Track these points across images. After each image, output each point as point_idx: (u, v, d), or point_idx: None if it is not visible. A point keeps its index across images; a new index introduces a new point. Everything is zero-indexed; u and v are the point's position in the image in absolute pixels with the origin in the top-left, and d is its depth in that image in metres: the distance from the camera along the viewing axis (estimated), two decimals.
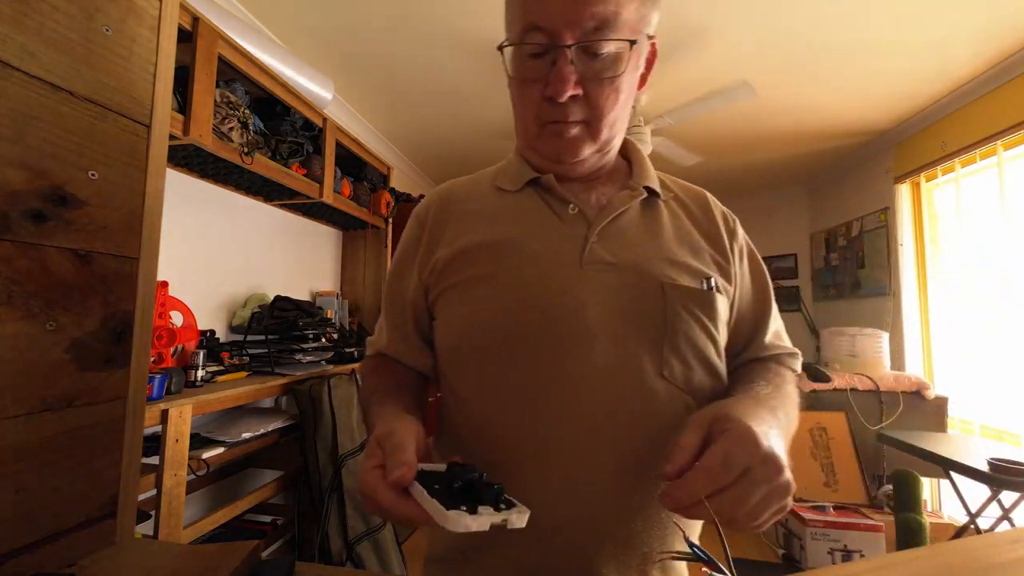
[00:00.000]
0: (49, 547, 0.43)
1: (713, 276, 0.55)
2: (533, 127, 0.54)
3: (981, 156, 2.32)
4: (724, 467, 0.35)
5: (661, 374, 0.50)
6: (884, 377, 2.47)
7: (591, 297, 0.50)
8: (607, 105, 0.52)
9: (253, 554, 0.43)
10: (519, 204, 0.58)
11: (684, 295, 0.52)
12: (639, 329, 0.50)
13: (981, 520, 1.81)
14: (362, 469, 0.40)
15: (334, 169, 2.09)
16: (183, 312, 1.51)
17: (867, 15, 1.81)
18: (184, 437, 1.18)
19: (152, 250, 0.55)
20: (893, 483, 2.07)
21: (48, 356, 0.44)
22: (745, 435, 0.37)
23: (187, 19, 1.32)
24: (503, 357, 0.51)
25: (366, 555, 1.63)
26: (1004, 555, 0.39)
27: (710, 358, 0.53)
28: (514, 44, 0.51)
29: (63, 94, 0.45)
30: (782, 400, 0.50)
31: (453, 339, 0.56)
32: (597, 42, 0.48)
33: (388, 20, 1.89)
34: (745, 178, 3.87)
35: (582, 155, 0.55)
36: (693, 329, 0.52)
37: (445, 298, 0.57)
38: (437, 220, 0.61)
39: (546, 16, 0.48)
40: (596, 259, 0.52)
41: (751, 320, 0.62)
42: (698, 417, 0.41)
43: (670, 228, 0.58)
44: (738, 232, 0.62)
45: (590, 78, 0.50)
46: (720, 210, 0.63)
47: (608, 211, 0.55)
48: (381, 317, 0.66)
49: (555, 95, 0.49)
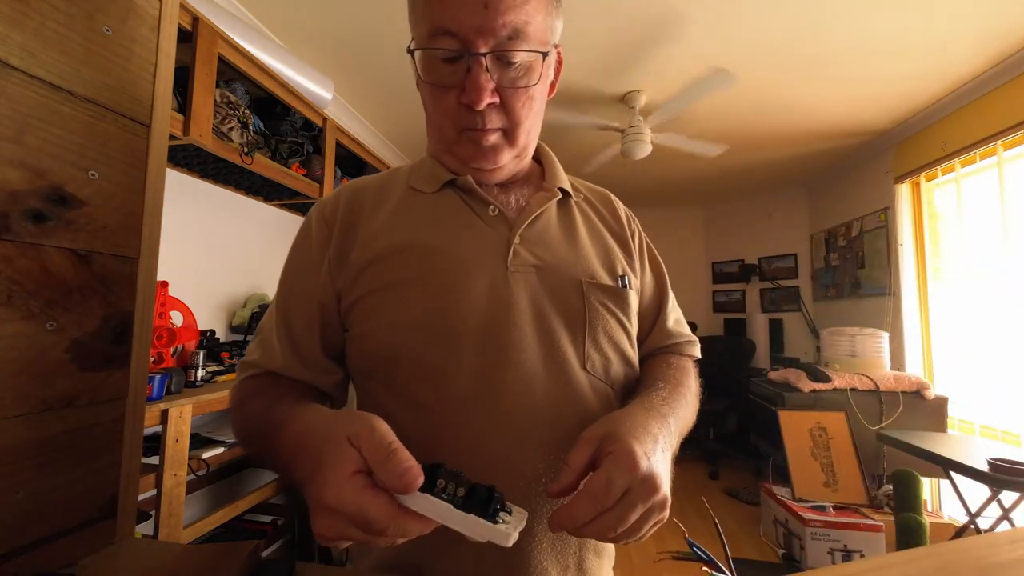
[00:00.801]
0: (49, 547, 0.43)
1: (627, 274, 0.59)
2: (450, 132, 0.53)
3: (981, 156, 2.32)
4: (606, 491, 0.36)
5: (584, 367, 0.52)
6: (884, 377, 2.47)
7: (519, 300, 0.51)
8: (523, 113, 0.52)
9: (253, 554, 0.43)
10: (438, 205, 0.57)
11: (601, 292, 0.55)
12: (562, 326, 0.52)
13: (981, 520, 1.81)
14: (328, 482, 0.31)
15: (334, 169, 2.09)
16: (183, 312, 1.51)
17: (867, 15, 1.81)
18: (184, 437, 1.17)
19: (152, 250, 0.55)
20: (893, 483, 2.07)
21: (48, 356, 0.44)
22: (627, 458, 0.38)
23: (187, 19, 1.32)
24: (437, 367, 0.49)
25: None
26: (1004, 555, 0.39)
27: (625, 350, 0.56)
28: (424, 49, 0.50)
29: (63, 94, 0.45)
30: (677, 401, 0.52)
31: (378, 348, 0.52)
32: (511, 52, 0.48)
33: (388, 20, 1.89)
34: (745, 178, 3.87)
35: (501, 162, 0.55)
36: (610, 324, 0.55)
37: (364, 305, 0.52)
38: (347, 220, 0.56)
39: (456, 22, 0.47)
40: (521, 262, 0.53)
41: (653, 309, 0.65)
42: (588, 434, 0.42)
43: (584, 229, 0.60)
44: (637, 229, 0.67)
45: (506, 86, 0.50)
46: (623, 209, 0.67)
47: (527, 213, 0.56)
48: (268, 332, 0.56)
49: (473, 103, 0.49)
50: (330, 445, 0.34)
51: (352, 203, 0.58)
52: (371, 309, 0.52)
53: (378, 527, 0.31)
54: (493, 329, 0.50)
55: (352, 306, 0.53)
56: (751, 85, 2.33)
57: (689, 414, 0.55)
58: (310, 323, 0.54)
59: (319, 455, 0.34)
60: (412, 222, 0.55)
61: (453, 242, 0.53)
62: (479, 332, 0.49)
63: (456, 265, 0.52)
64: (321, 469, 0.33)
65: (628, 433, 0.40)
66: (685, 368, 0.61)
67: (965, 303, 2.45)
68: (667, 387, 0.53)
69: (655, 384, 0.54)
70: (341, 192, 0.60)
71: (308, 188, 1.91)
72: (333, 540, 0.33)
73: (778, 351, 4.04)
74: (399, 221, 0.55)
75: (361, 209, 0.57)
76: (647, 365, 0.62)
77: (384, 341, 0.51)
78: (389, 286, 0.52)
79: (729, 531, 2.40)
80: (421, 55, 0.51)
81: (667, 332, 0.65)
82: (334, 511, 0.31)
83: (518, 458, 0.48)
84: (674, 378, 0.57)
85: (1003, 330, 2.21)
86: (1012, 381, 2.16)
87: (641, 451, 0.39)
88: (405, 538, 0.32)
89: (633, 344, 0.59)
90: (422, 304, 0.50)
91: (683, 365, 0.62)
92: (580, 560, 0.51)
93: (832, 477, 2.26)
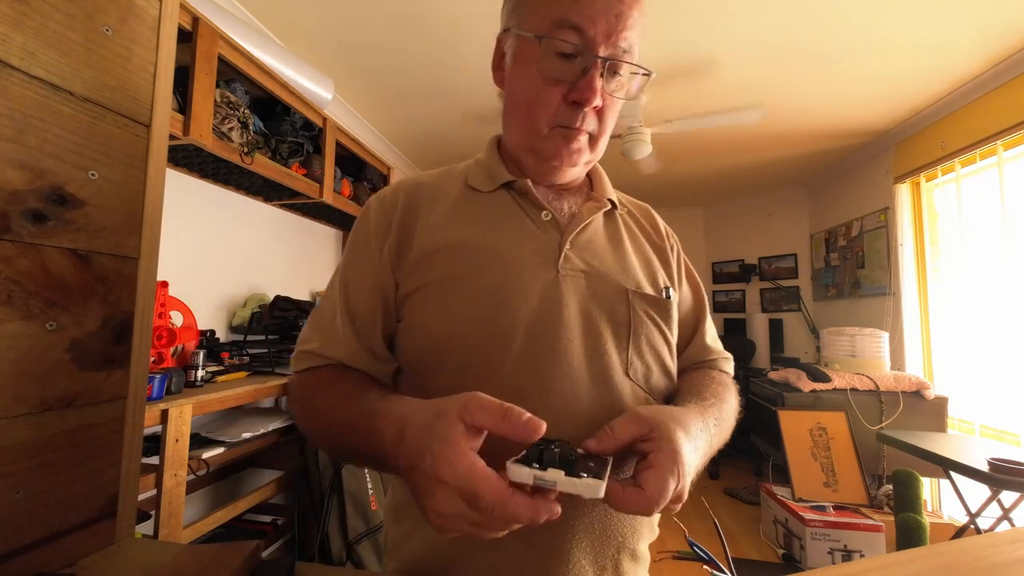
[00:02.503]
0: (49, 547, 0.43)
1: (668, 286, 0.60)
2: (542, 127, 0.54)
3: (981, 156, 2.32)
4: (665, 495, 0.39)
5: (627, 373, 0.53)
6: (884, 377, 2.47)
7: (568, 302, 0.52)
8: (609, 123, 0.55)
9: (253, 554, 0.43)
10: (493, 205, 0.58)
11: (646, 302, 0.56)
12: (609, 332, 0.53)
13: (981, 520, 1.81)
14: (441, 454, 0.33)
15: (334, 169, 2.09)
16: (183, 312, 1.51)
17: (867, 15, 1.81)
18: (184, 437, 1.17)
19: (152, 250, 0.55)
20: (893, 483, 2.07)
21: (48, 356, 0.44)
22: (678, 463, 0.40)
23: (187, 19, 1.32)
24: (486, 362, 0.50)
25: (366, 555, 1.63)
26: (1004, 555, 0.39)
27: (665, 360, 0.57)
28: (549, 38, 0.50)
29: (63, 94, 0.45)
30: (720, 419, 0.53)
31: (427, 341, 0.53)
32: (624, 63, 0.51)
33: (388, 20, 1.89)
34: (745, 178, 3.87)
35: (579, 164, 0.57)
36: (653, 333, 0.56)
37: (418, 296, 0.53)
38: (406, 212, 0.57)
39: (589, 21, 0.49)
40: (571, 266, 0.54)
41: (691, 324, 0.66)
42: (641, 413, 0.43)
43: (628, 240, 0.62)
44: (675, 244, 0.68)
45: (606, 94, 0.52)
46: (663, 224, 0.68)
47: (578, 220, 0.58)
48: (329, 319, 0.56)
49: (584, 102, 0.50)
50: (442, 422, 0.35)
51: (411, 196, 0.59)
52: (424, 301, 0.53)
53: (486, 502, 0.31)
54: (543, 328, 0.51)
55: (406, 297, 0.54)
56: (751, 85, 2.33)
57: (726, 432, 0.55)
58: (372, 310, 0.55)
59: (429, 432, 0.35)
60: (467, 219, 0.57)
61: (506, 242, 0.55)
62: (529, 330, 0.50)
63: (509, 264, 0.53)
64: (432, 445, 0.34)
65: (679, 432, 0.42)
66: (727, 385, 0.61)
67: (965, 303, 2.45)
68: (716, 404, 0.54)
69: (703, 395, 0.54)
70: (401, 185, 0.61)
71: (308, 188, 1.91)
72: (447, 522, 0.33)
73: (778, 351, 4.04)
74: (455, 217, 0.57)
75: (420, 203, 0.58)
76: (687, 377, 0.62)
77: (434, 333, 0.52)
78: (442, 279, 0.53)
79: (729, 531, 2.39)
80: (535, 44, 0.51)
81: (705, 347, 0.65)
82: (448, 486, 0.32)
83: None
84: (719, 394, 0.57)
85: (1003, 330, 2.21)
86: (1012, 381, 2.16)
87: (687, 457, 0.41)
88: (513, 524, 0.33)
89: (673, 356, 0.59)
90: (474, 299, 0.51)
91: (726, 382, 0.62)
92: (617, 563, 0.51)
93: (832, 477, 2.26)
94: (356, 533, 1.62)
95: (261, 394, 1.50)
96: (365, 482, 1.71)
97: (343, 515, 1.61)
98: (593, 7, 0.49)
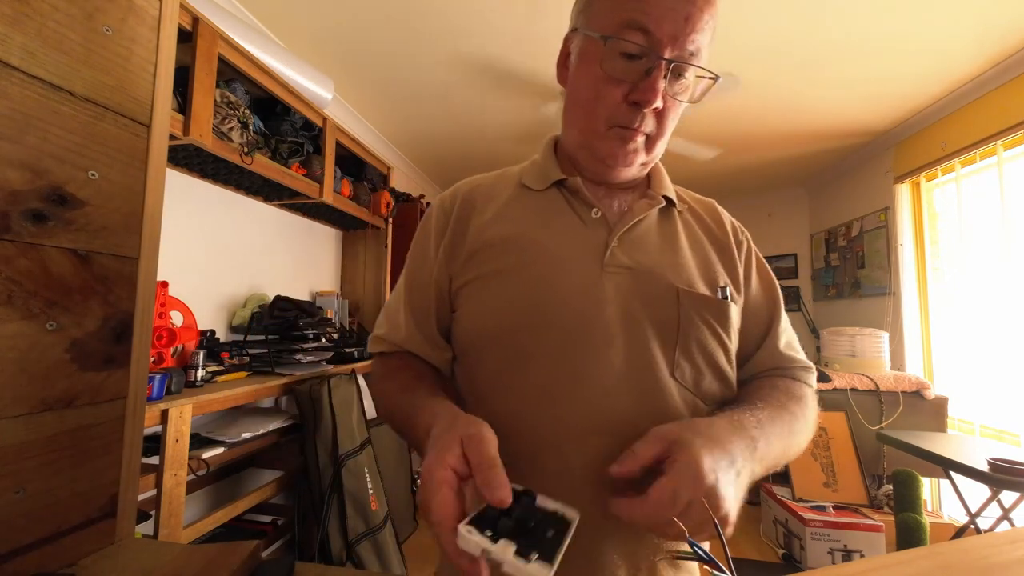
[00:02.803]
0: (49, 547, 0.43)
1: (728, 286, 0.57)
2: (600, 125, 0.54)
3: (981, 156, 2.32)
4: (670, 503, 0.38)
5: (672, 375, 0.51)
6: (884, 377, 2.47)
7: (610, 299, 0.52)
8: (668, 126, 0.55)
9: (253, 554, 0.43)
10: (544, 203, 0.59)
11: (698, 302, 0.54)
12: (653, 332, 0.52)
13: (981, 520, 1.81)
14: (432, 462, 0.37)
15: (334, 169, 2.09)
16: (183, 312, 1.51)
17: (867, 16, 1.81)
18: (184, 437, 1.18)
19: (152, 250, 0.55)
20: (893, 483, 2.07)
21: (48, 356, 0.44)
22: (694, 471, 0.38)
23: (187, 19, 1.32)
24: (525, 352, 0.51)
25: (366, 555, 1.63)
26: (1004, 555, 0.39)
27: (720, 365, 0.54)
28: (615, 38, 0.50)
29: (63, 94, 0.45)
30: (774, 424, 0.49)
31: (475, 332, 0.55)
32: (689, 65, 0.51)
33: (388, 20, 1.89)
34: (745, 178, 3.87)
35: (634, 165, 0.57)
36: (705, 335, 0.53)
37: (469, 289, 0.56)
38: (463, 211, 0.61)
39: (656, 23, 0.48)
40: (616, 263, 0.54)
41: (760, 328, 0.61)
42: (661, 431, 0.43)
43: (685, 238, 0.59)
44: (746, 242, 0.64)
45: (668, 97, 0.52)
46: (730, 220, 0.65)
47: (628, 218, 0.57)
48: (395, 309, 0.62)
49: (643, 103, 0.50)
50: (447, 436, 0.39)
51: (468, 196, 0.62)
52: (473, 293, 0.56)
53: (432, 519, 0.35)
54: (580, 324, 0.51)
55: (459, 290, 0.57)
56: (751, 85, 2.33)
57: (788, 441, 0.51)
58: (428, 302, 0.59)
59: (438, 439, 0.40)
60: (518, 216, 0.58)
61: (553, 238, 0.55)
62: (566, 324, 0.51)
63: (553, 259, 0.54)
64: (432, 449, 0.39)
65: (702, 445, 0.40)
66: (795, 393, 0.56)
67: (965, 303, 2.45)
68: (767, 409, 0.51)
69: (753, 403, 0.51)
70: (460, 187, 0.65)
71: (308, 188, 1.91)
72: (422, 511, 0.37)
73: None
74: (507, 214, 0.59)
75: (475, 203, 0.61)
76: (749, 386, 0.58)
77: (480, 324, 0.55)
78: (491, 274, 0.55)
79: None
80: (600, 44, 0.51)
81: (777, 354, 0.60)
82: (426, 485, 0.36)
83: (599, 451, 0.48)
84: (777, 400, 0.53)
85: (1003, 330, 2.21)
86: (1012, 381, 2.16)
87: (710, 466, 0.39)
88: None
89: (731, 361, 0.56)
90: (516, 293, 0.53)
91: (792, 389, 0.57)
92: (653, 568, 0.50)
93: (832, 477, 2.26)
94: (356, 533, 1.62)
95: (261, 394, 1.50)
96: (365, 482, 1.71)
97: (343, 515, 1.61)
98: (661, 8, 0.48)
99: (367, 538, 1.66)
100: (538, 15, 1.84)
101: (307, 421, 1.64)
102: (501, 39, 2.02)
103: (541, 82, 2.35)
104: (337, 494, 1.61)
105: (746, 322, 0.60)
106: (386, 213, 2.53)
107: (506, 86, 2.41)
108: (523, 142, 3.05)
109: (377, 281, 2.63)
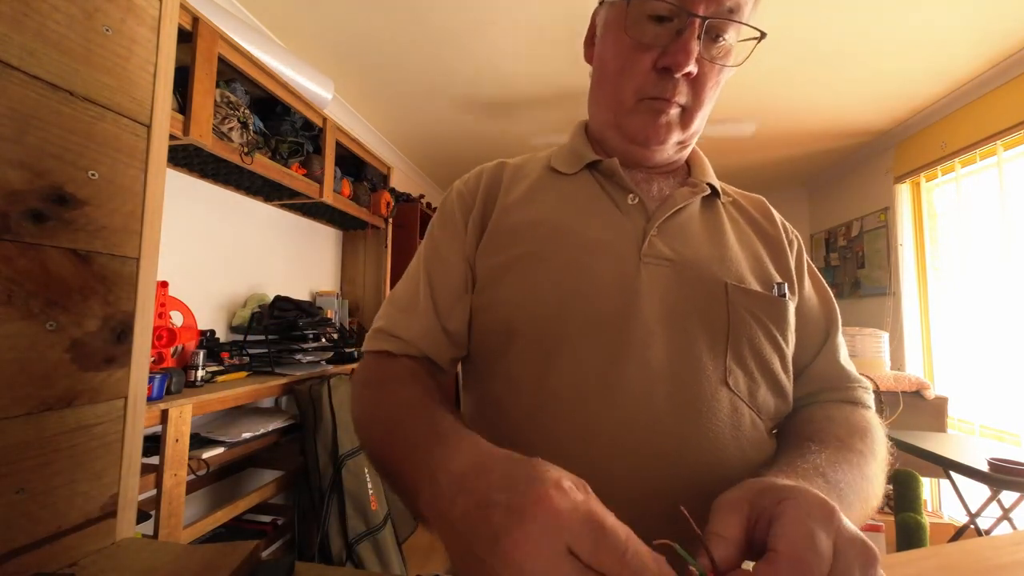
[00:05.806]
0: (49, 547, 0.43)
1: (784, 282, 0.50)
2: (629, 99, 0.49)
3: (981, 156, 2.32)
4: (815, 550, 0.24)
5: (725, 382, 0.44)
6: (884, 377, 2.47)
7: (648, 292, 0.46)
8: (708, 95, 0.48)
9: (253, 554, 0.43)
10: (575, 188, 0.54)
11: (751, 299, 0.47)
12: (700, 331, 0.45)
13: (981, 520, 1.81)
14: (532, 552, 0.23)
15: (334, 169, 2.09)
16: (183, 312, 1.51)
17: (867, 15, 1.81)
18: (184, 437, 1.17)
19: (152, 250, 0.55)
20: (893, 483, 2.07)
21: (48, 356, 0.44)
22: (816, 505, 0.27)
23: (187, 19, 1.32)
24: (549, 349, 0.45)
25: (366, 555, 1.63)
26: (1006, 557, 0.39)
27: (776, 374, 0.47)
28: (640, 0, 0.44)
29: (63, 94, 0.45)
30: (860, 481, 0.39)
31: (495, 321, 0.49)
32: (729, 22, 0.44)
33: (388, 20, 1.89)
34: (745, 178, 3.87)
35: (669, 142, 0.50)
36: (758, 337, 0.46)
37: (489, 277, 0.50)
38: (489, 187, 0.56)
39: None
40: (655, 253, 0.47)
41: (816, 338, 0.54)
42: (729, 497, 0.30)
43: (732, 231, 0.53)
44: (796, 241, 0.58)
45: (704, 60, 0.46)
46: (779, 217, 0.59)
47: (669, 205, 0.51)
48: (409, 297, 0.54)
49: (674, 67, 0.44)
50: (538, 507, 0.25)
51: (494, 174, 0.57)
52: (494, 281, 0.50)
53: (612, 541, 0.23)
54: (614, 320, 0.44)
55: (480, 274, 0.51)
56: (751, 85, 2.33)
57: (869, 489, 0.40)
58: (458, 280, 0.52)
59: (512, 508, 0.25)
60: (545, 200, 0.53)
61: (584, 224, 0.49)
62: (599, 319, 0.45)
63: (584, 247, 0.48)
64: (522, 526, 0.24)
65: (795, 484, 0.30)
66: (872, 430, 0.46)
67: (965, 303, 2.45)
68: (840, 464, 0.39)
69: (807, 447, 0.41)
70: (485, 166, 0.59)
71: (308, 188, 1.91)
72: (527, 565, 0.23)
73: None
74: (533, 197, 0.53)
75: (502, 180, 0.56)
76: (804, 413, 0.49)
77: (500, 316, 0.49)
78: (512, 260, 0.49)
79: None
80: (625, 7, 0.46)
81: (837, 369, 0.52)
82: (550, 522, 0.24)
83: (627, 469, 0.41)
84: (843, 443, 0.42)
85: (1003, 330, 2.21)
86: (1012, 381, 2.16)
87: (828, 498, 0.28)
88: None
89: (787, 370, 0.49)
90: (545, 282, 0.47)
91: (872, 426, 0.47)
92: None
93: None
94: (356, 533, 1.62)
95: (261, 394, 1.50)
96: (365, 482, 1.71)
97: (343, 515, 1.61)
98: None
99: (367, 538, 1.66)
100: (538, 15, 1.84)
101: (307, 421, 1.64)
102: (499, 44, 2.02)
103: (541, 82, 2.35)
104: (337, 494, 1.61)
105: (801, 329, 0.52)
106: (386, 213, 2.53)
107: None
108: (523, 143, 3.05)
109: (377, 281, 2.63)
